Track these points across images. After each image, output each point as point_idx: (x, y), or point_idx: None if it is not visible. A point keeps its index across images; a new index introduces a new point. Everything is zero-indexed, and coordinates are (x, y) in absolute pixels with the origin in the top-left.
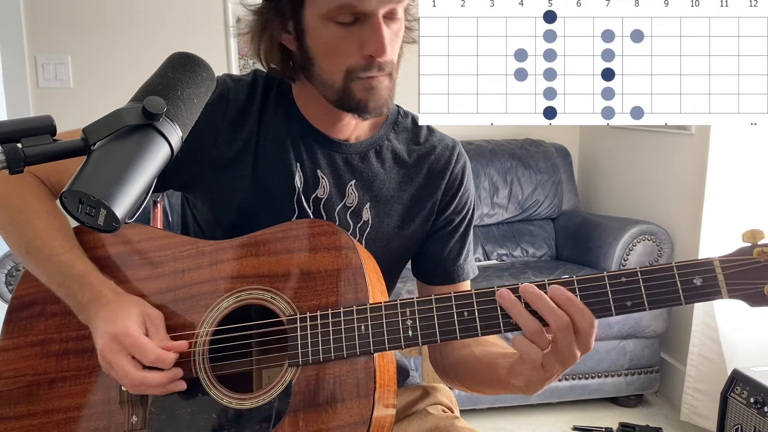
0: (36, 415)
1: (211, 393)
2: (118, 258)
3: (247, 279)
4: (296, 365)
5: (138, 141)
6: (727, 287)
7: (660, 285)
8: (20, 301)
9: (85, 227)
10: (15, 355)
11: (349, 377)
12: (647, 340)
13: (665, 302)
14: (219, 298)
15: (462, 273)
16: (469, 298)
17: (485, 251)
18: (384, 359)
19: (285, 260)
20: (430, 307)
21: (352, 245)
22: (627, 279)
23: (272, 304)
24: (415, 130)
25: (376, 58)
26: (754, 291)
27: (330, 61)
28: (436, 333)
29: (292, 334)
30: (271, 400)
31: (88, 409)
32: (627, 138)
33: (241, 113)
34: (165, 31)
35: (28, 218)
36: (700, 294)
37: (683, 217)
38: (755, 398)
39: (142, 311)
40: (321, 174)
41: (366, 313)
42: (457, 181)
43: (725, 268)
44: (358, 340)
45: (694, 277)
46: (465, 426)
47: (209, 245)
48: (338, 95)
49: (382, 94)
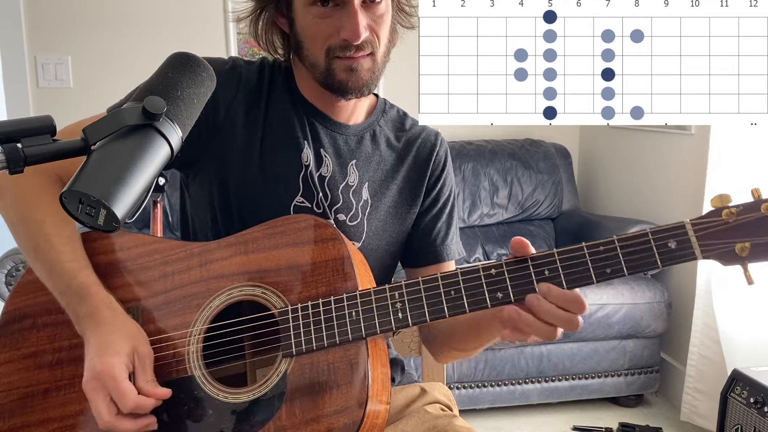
0: (32, 425)
1: (206, 390)
2: (109, 266)
3: (237, 277)
4: (290, 355)
5: (138, 141)
6: (700, 248)
7: (637, 251)
8: (11, 316)
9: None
10: (8, 369)
11: (343, 363)
12: (647, 340)
13: (643, 267)
14: (210, 297)
15: (450, 252)
16: (455, 276)
17: (485, 251)
18: (376, 346)
19: (273, 256)
20: (418, 288)
21: (339, 237)
22: (605, 248)
23: (264, 299)
24: (400, 119)
25: (351, 42)
26: (726, 250)
27: (313, 43)
28: (425, 313)
29: (284, 326)
30: (267, 391)
31: (84, 416)
32: (627, 138)
33: (252, 92)
34: (165, 31)
35: (41, 219)
36: (675, 256)
37: (683, 217)
38: (755, 398)
39: (132, 348)
40: (324, 153)
41: (356, 299)
42: (441, 162)
43: (697, 230)
44: (350, 326)
45: (668, 240)
46: (463, 425)
47: (197, 247)
48: (323, 75)
49: (362, 75)
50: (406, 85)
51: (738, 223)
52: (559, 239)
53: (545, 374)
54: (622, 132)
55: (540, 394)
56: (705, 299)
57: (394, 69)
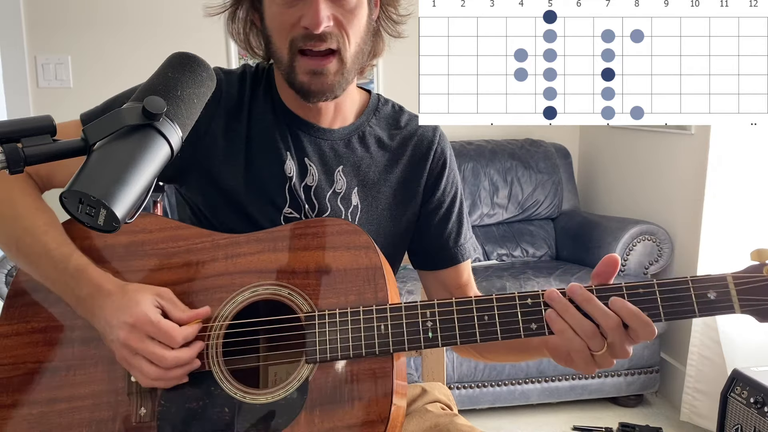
0: (37, 403)
1: (224, 387)
2: (130, 247)
3: (263, 274)
4: (314, 362)
5: (138, 141)
6: (739, 302)
7: (675, 297)
8: (21, 287)
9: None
10: (15, 341)
11: (367, 375)
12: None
13: (680, 314)
14: (234, 292)
15: (465, 252)
16: (490, 302)
17: (485, 251)
18: (399, 359)
19: (303, 257)
20: (451, 309)
21: (372, 245)
22: (644, 290)
23: (290, 300)
24: (395, 115)
25: (312, 30)
26: (764, 307)
27: (277, 36)
28: (456, 336)
29: (309, 330)
30: (287, 395)
31: (93, 399)
32: (627, 138)
33: (234, 105)
34: (165, 31)
35: (15, 214)
36: (713, 308)
37: (683, 217)
38: (755, 398)
39: (151, 293)
40: (309, 162)
41: (386, 313)
42: (441, 161)
43: (738, 284)
44: (378, 339)
45: (708, 291)
46: (465, 423)
47: (224, 238)
48: (286, 73)
49: (327, 80)
50: (406, 85)
51: None
52: (559, 239)
53: (545, 374)
54: (622, 132)
55: (540, 394)
56: None
57: (394, 69)
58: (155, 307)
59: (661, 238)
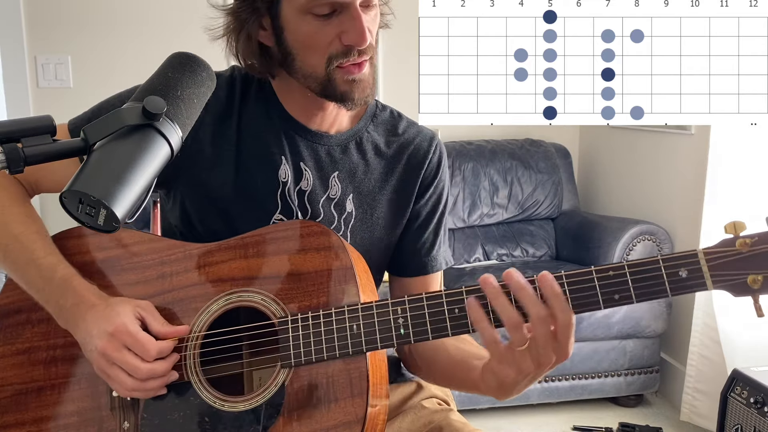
0: (25, 424)
1: (203, 396)
2: (105, 262)
3: (236, 281)
4: (289, 366)
5: (138, 141)
6: (711, 278)
7: (647, 278)
8: (4, 310)
9: (71, 232)
10: (1, 364)
11: (342, 377)
12: (647, 340)
13: (652, 295)
14: (209, 302)
15: (435, 264)
16: (460, 294)
17: (485, 251)
18: (376, 357)
19: (274, 262)
20: (422, 305)
21: (342, 245)
22: (614, 273)
23: (263, 306)
24: (393, 121)
25: (356, 47)
26: (737, 281)
27: (311, 53)
28: (428, 330)
29: (283, 335)
30: (265, 401)
31: (78, 416)
32: (627, 138)
33: (222, 110)
34: (165, 31)
35: (5, 221)
36: (685, 286)
37: (683, 217)
38: (755, 398)
39: (131, 305)
40: (304, 166)
41: (357, 313)
42: (433, 171)
43: (710, 259)
44: (350, 339)
45: (679, 269)
46: (459, 419)
47: (197, 248)
48: (321, 86)
49: (367, 84)
50: (406, 85)
51: (752, 253)
52: (559, 239)
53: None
54: (622, 132)
55: (540, 394)
56: (705, 299)
57: (394, 69)
58: (136, 319)
59: (661, 238)
